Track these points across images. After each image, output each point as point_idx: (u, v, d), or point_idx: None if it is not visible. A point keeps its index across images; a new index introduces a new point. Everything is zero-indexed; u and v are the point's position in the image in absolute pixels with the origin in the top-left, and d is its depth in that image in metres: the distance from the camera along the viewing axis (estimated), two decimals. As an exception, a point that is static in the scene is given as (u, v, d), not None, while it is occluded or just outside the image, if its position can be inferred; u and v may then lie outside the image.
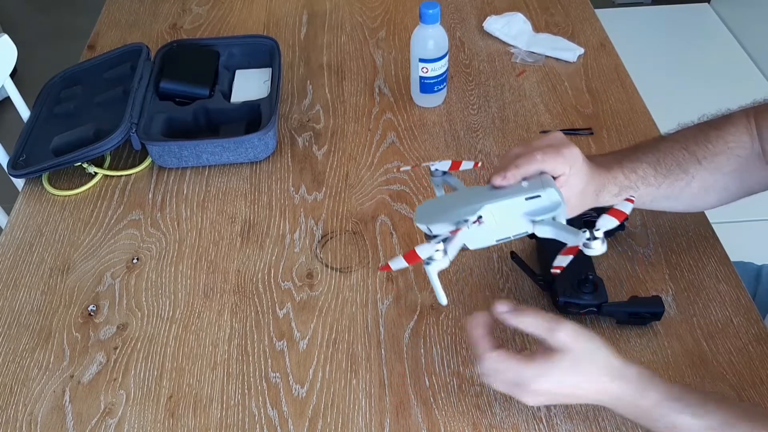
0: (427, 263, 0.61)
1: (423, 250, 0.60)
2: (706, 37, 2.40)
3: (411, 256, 0.60)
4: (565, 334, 0.60)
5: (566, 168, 0.66)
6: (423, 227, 0.66)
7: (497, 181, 0.64)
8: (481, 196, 0.64)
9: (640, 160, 0.73)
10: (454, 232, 0.62)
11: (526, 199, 0.62)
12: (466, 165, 0.69)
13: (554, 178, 0.66)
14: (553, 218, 0.63)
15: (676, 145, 0.74)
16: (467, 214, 0.63)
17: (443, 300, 0.64)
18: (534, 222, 0.63)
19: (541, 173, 0.65)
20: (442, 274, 0.84)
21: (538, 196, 0.62)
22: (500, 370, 0.62)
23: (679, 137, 0.76)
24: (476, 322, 0.64)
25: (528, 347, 0.76)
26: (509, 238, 0.65)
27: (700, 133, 0.75)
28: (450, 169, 0.71)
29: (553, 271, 0.67)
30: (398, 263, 0.61)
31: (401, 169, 0.86)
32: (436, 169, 0.71)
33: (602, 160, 0.73)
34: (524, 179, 0.64)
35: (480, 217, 0.62)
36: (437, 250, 0.60)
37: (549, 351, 0.61)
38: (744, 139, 0.74)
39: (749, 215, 1.74)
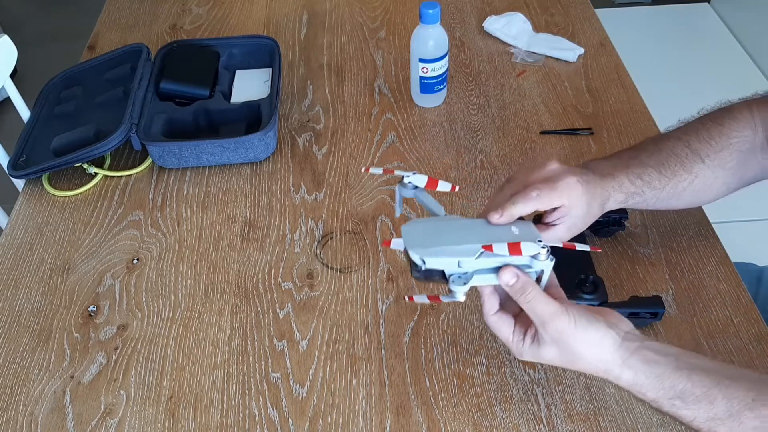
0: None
1: (448, 298, 0.61)
2: (706, 37, 2.40)
3: (435, 298, 0.63)
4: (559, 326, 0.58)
5: (564, 200, 0.66)
6: (416, 258, 0.59)
7: (494, 218, 0.62)
8: (476, 235, 0.61)
9: (645, 164, 0.72)
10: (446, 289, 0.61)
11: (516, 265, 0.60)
12: (443, 186, 0.65)
13: (554, 209, 0.66)
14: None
15: (678, 143, 0.74)
16: (464, 254, 0.59)
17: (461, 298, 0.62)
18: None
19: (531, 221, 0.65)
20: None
21: (530, 266, 0.60)
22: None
23: (681, 134, 0.75)
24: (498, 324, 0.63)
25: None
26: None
27: (702, 128, 0.75)
28: (426, 186, 0.65)
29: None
30: (421, 299, 0.65)
31: (370, 170, 0.70)
32: (410, 182, 0.65)
33: (606, 166, 0.72)
34: (515, 223, 0.63)
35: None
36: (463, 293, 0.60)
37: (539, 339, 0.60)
38: (746, 133, 0.74)
39: (749, 215, 1.74)
